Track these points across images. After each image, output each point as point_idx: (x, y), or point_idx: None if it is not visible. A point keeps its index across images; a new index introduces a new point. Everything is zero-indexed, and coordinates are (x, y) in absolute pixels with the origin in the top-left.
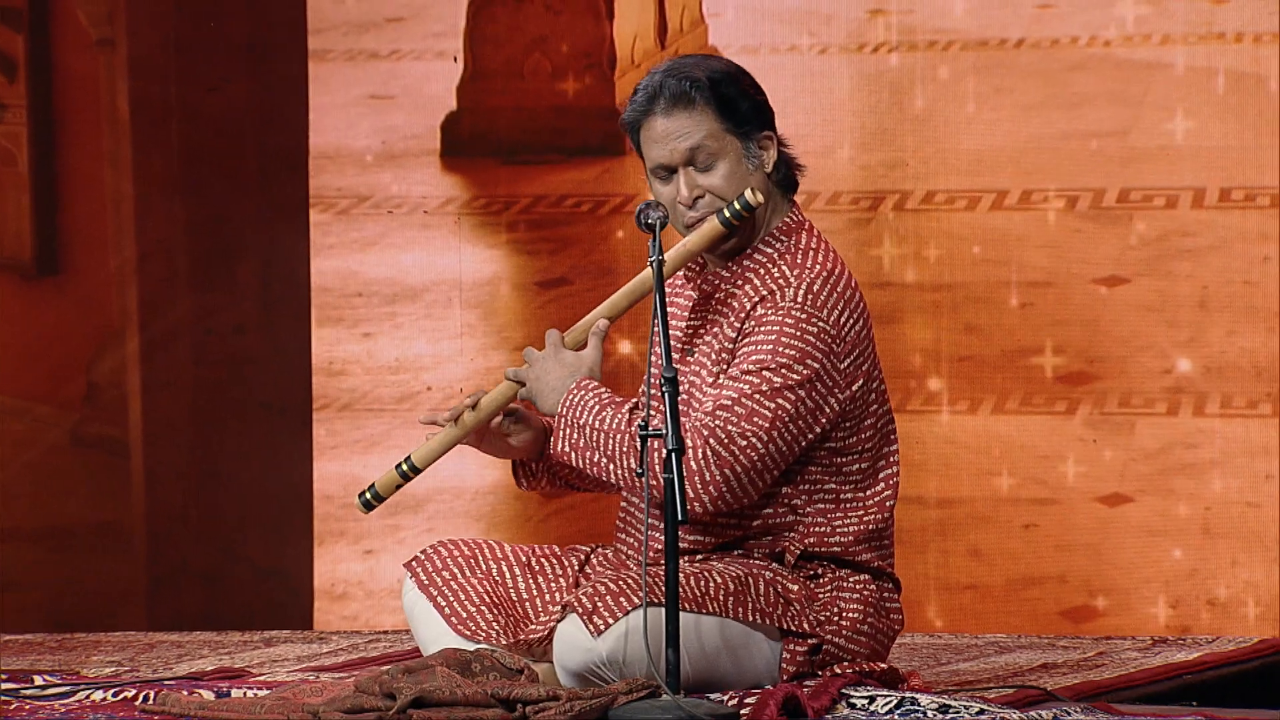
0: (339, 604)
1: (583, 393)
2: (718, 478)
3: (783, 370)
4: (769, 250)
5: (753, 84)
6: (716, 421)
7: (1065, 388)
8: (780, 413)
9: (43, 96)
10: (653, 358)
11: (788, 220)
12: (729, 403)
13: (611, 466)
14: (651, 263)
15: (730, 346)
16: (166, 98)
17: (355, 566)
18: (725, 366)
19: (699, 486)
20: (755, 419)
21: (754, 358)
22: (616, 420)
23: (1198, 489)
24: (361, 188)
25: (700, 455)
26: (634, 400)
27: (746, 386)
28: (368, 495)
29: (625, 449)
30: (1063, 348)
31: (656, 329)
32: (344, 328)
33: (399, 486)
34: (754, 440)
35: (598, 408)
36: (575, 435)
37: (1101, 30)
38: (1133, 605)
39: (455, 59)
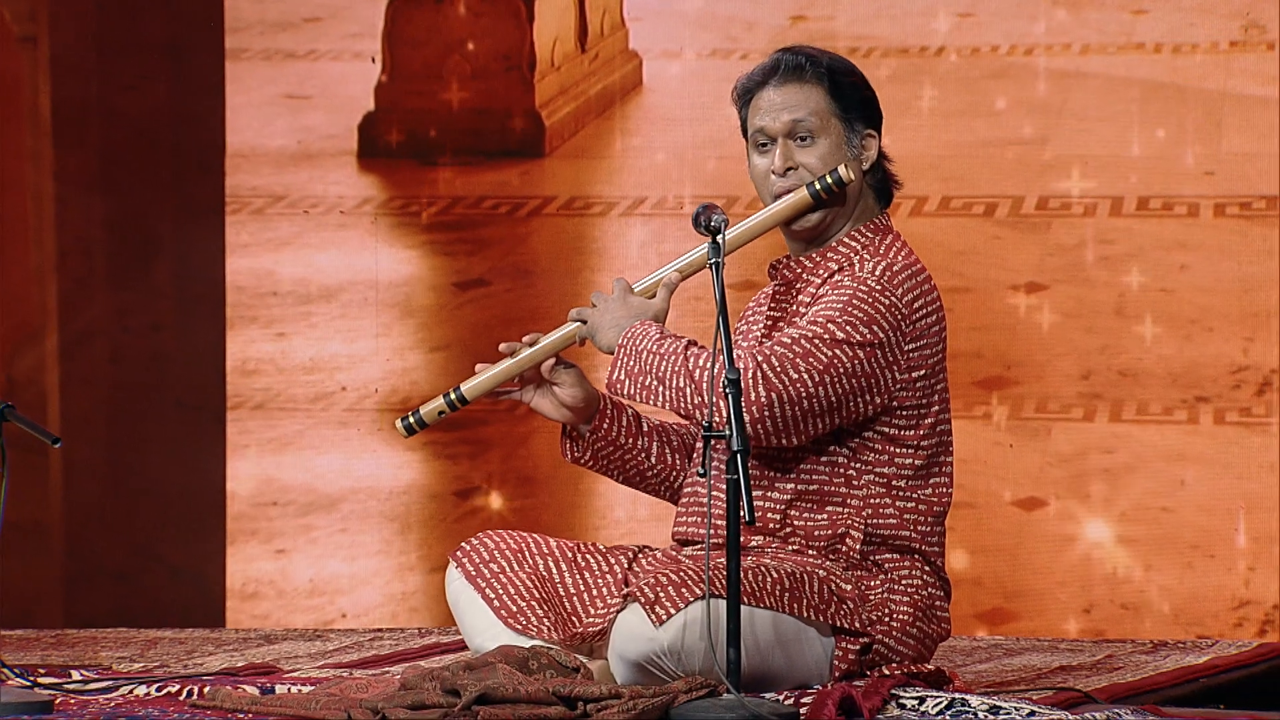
0: (250, 603)
1: (645, 327)
2: (762, 399)
3: (846, 327)
4: (853, 244)
5: (866, 83)
6: (772, 351)
7: (982, 392)
8: (836, 363)
9: None
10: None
11: (876, 222)
12: (788, 341)
13: (660, 388)
14: (712, 265)
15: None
16: (87, 96)
17: (267, 566)
18: None
19: (743, 404)
20: (811, 359)
21: (822, 314)
22: (674, 345)
23: (1113, 494)
24: (277, 187)
25: (749, 375)
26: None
27: (809, 332)
28: (410, 420)
29: (676, 369)
30: (980, 353)
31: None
32: (258, 327)
33: (443, 414)
34: (804, 377)
35: (658, 337)
36: (631, 362)
37: (1021, 39)
38: (1047, 608)
39: (373, 60)
